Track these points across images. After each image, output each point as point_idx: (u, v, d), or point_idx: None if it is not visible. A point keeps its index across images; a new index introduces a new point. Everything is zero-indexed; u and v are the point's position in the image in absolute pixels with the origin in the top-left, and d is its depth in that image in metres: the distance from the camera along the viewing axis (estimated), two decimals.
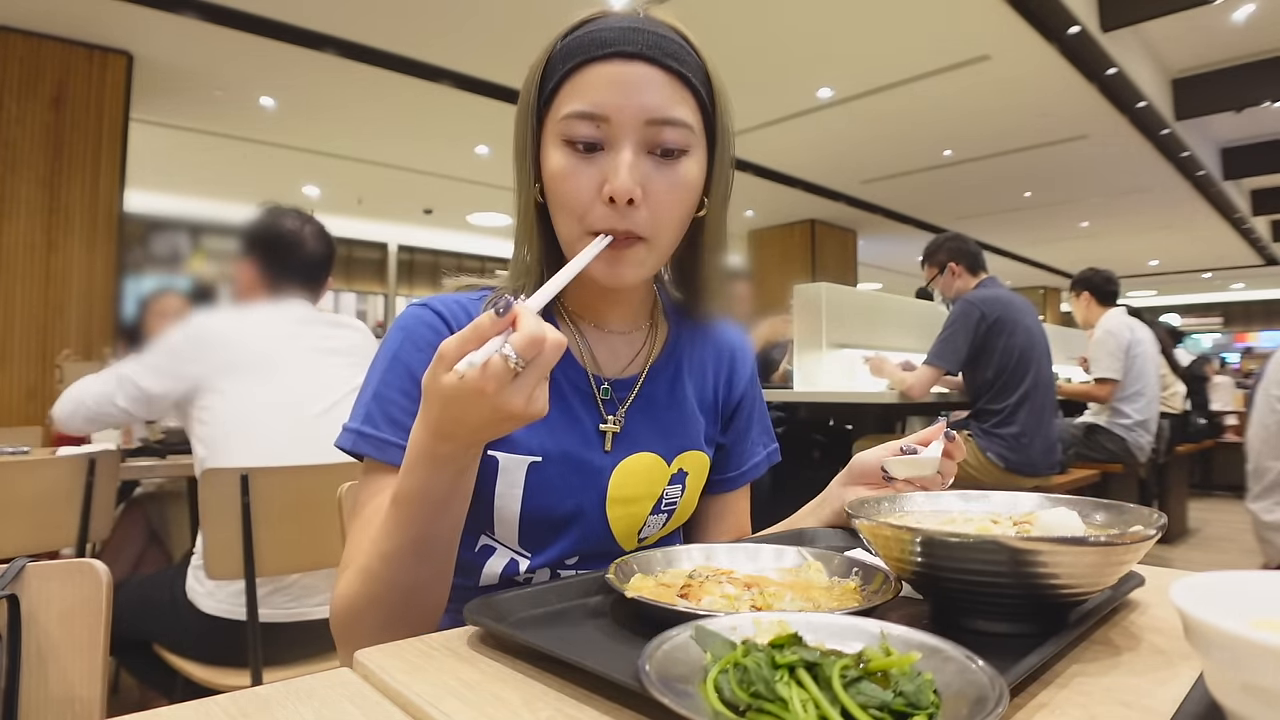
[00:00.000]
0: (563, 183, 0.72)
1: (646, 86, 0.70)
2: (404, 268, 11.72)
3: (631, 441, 0.83)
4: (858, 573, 0.62)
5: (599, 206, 0.71)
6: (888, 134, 7.08)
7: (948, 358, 2.99)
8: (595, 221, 0.71)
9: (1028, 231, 11.37)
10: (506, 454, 0.77)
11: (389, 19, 4.94)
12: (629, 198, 0.69)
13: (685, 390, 0.89)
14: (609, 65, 0.70)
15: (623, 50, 0.70)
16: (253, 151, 7.32)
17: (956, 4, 4.86)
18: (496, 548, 0.80)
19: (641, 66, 0.71)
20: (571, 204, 0.72)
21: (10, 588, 0.66)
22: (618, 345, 0.86)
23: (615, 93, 0.70)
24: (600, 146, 0.71)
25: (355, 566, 0.68)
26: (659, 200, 0.72)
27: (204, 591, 1.54)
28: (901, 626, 0.43)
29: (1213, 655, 0.36)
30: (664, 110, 0.71)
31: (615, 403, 0.84)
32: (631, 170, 0.69)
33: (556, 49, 0.74)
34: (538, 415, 0.56)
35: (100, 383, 1.66)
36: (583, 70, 0.71)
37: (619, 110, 0.70)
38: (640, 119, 0.70)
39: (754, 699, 0.36)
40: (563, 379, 0.81)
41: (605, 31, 0.72)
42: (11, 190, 4.67)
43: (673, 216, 0.74)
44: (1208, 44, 6.07)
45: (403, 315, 0.81)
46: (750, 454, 0.96)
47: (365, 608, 0.67)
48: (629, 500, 0.82)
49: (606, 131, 0.71)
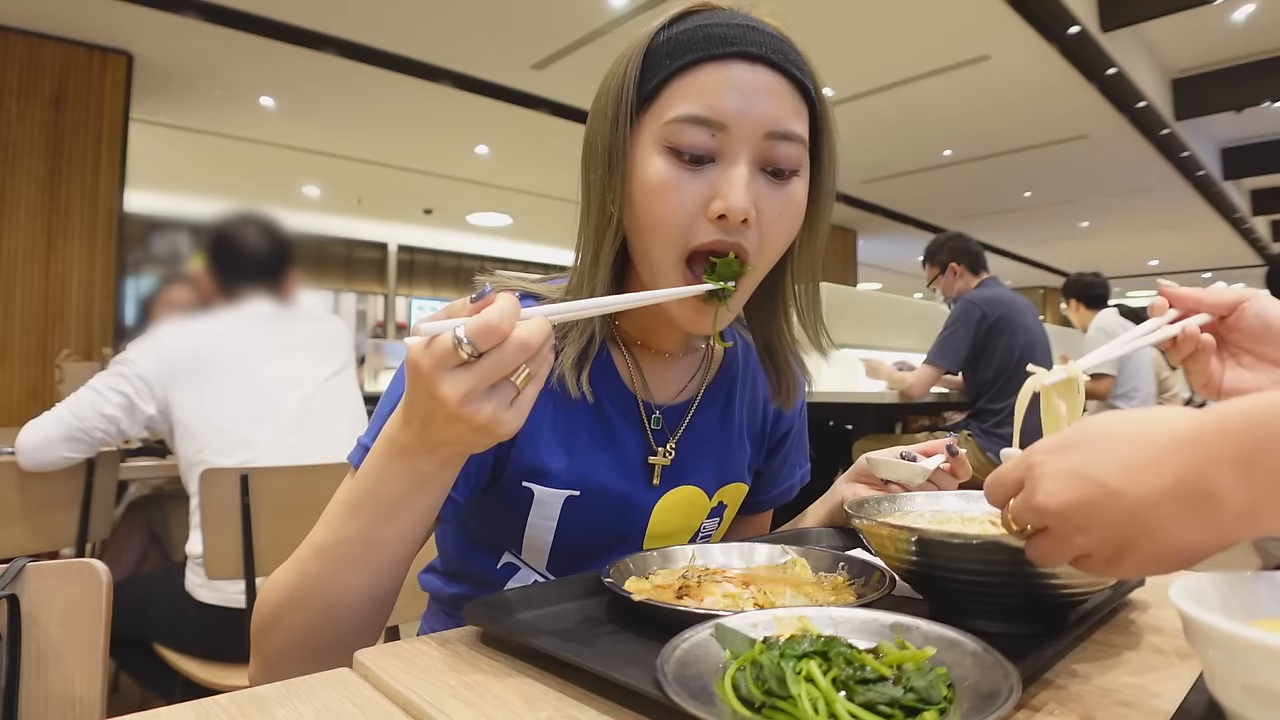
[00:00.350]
0: (661, 196, 0.63)
1: (770, 94, 0.62)
2: (404, 268, 11.72)
3: (677, 474, 0.78)
4: (844, 567, 0.62)
5: (702, 222, 0.63)
6: (888, 134, 7.08)
7: (948, 357, 2.99)
8: (696, 237, 0.63)
9: (1028, 231, 11.37)
10: (542, 487, 0.72)
11: (389, 19, 4.94)
12: (743, 217, 0.61)
13: (735, 418, 0.83)
14: (730, 66, 0.62)
15: (747, 51, 0.62)
16: (253, 151, 7.32)
17: (956, 4, 4.86)
18: (521, 568, 0.77)
19: (765, 72, 0.62)
20: (671, 221, 0.63)
21: (10, 588, 0.66)
22: (671, 369, 0.80)
23: (737, 98, 0.61)
24: (709, 158, 0.63)
25: (291, 558, 0.63)
26: (770, 223, 0.64)
27: (200, 583, 1.55)
28: (922, 620, 0.44)
29: (1212, 655, 0.36)
30: (784, 123, 0.63)
31: (665, 433, 0.78)
32: (749, 187, 0.62)
33: (659, 40, 0.65)
34: (502, 429, 0.49)
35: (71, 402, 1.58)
36: (698, 69, 0.62)
37: (739, 118, 0.62)
38: (760, 130, 0.62)
39: (768, 696, 0.36)
40: (610, 406, 0.75)
41: (722, 27, 0.63)
42: (11, 190, 4.68)
43: (779, 242, 0.66)
44: (1207, 44, 6.07)
45: None
46: (786, 477, 0.93)
47: (286, 604, 0.61)
48: (667, 535, 0.78)
49: (721, 141, 0.62)
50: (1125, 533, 0.40)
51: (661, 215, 0.63)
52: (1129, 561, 0.41)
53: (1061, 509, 0.41)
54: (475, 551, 0.78)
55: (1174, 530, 0.39)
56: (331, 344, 1.73)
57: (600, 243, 0.68)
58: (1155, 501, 0.38)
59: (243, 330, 1.64)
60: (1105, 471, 0.40)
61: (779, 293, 0.76)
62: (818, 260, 0.74)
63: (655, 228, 0.64)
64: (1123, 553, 0.41)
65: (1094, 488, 0.40)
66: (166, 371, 1.56)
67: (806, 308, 0.76)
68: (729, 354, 0.84)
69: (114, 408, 1.56)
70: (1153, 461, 0.39)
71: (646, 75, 0.65)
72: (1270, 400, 0.37)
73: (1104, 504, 0.40)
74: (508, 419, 0.49)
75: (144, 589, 1.63)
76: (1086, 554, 0.42)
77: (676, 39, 0.64)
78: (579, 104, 6.26)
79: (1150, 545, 0.40)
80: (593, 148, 0.68)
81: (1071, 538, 0.42)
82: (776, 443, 0.91)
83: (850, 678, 0.37)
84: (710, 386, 0.82)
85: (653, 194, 0.63)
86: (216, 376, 1.58)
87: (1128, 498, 0.39)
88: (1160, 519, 0.39)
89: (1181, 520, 0.38)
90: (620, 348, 0.77)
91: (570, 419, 0.73)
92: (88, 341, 4.83)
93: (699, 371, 0.82)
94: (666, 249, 0.64)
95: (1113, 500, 0.40)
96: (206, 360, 1.58)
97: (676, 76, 0.63)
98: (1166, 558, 0.40)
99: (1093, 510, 0.40)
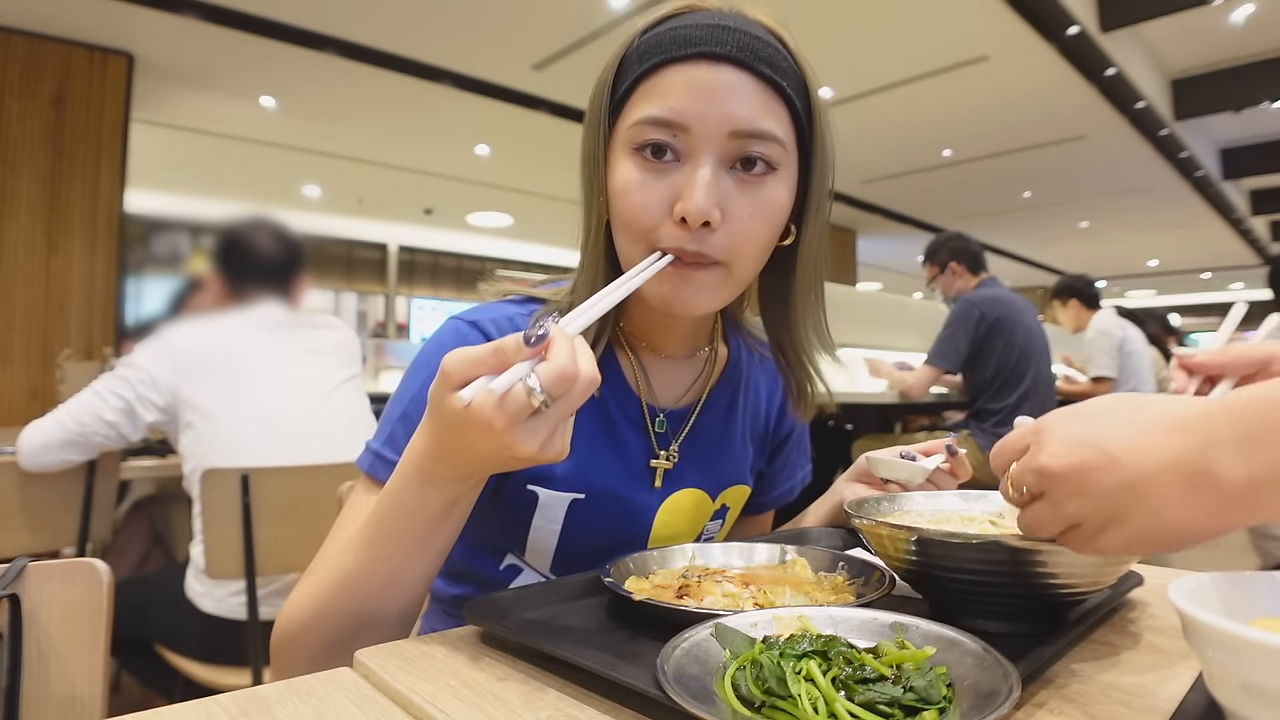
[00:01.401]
0: (627, 197, 0.64)
1: (733, 94, 0.62)
2: (404, 268, 11.72)
3: (679, 477, 0.78)
4: (844, 566, 0.62)
5: (668, 225, 0.63)
6: (888, 134, 7.08)
7: (948, 357, 2.99)
8: (661, 240, 0.63)
9: (1028, 231, 11.37)
10: (547, 490, 0.72)
11: (389, 19, 4.94)
12: (704, 220, 0.61)
13: (738, 421, 0.83)
14: (691, 67, 0.62)
15: (709, 51, 0.62)
16: (253, 151, 7.32)
17: (956, 4, 4.86)
18: (524, 569, 0.77)
19: (729, 71, 0.62)
20: (637, 221, 0.63)
21: (11, 587, 0.66)
22: (675, 372, 0.80)
23: (697, 99, 0.62)
24: (675, 158, 0.63)
25: (316, 577, 0.62)
26: (739, 223, 0.63)
27: (203, 590, 1.55)
28: (922, 620, 0.44)
29: (1211, 654, 0.36)
30: (751, 122, 0.62)
31: (669, 436, 0.78)
32: (709, 189, 0.61)
33: (634, 46, 0.66)
34: (555, 458, 0.50)
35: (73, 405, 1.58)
36: (661, 71, 0.63)
37: (700, 119, 0.62)
38: (724, 130, 0.62)
39: (768, 696, 0.36)
40: (615, 408, 0.75)
41: (690, 29, 0.63)
42: (12, 190, 4.68)
43: (754, 242, 0.65)
44: (1207, 44, 6.07)
45: (441, 329, 0.73)
46: (787, 478, 0.94)
47: (313, 624, 0.60)
48: (671, 539, 0.78)
49: (684, 142, 0.62)
50: (1120, 503, 0.40)
51: (629, 214, 0.64)
52: (1117, 534, 0.41)
53: (1063, 470, 0.42)
54: (479, 553, 0.78)
55: (1169, 507, 0.39)
56: (343, 352, 1.72)
57: (594, 247, 0.70)
58: (1154, 475, 0.39)
59: (254, 334, 1.64)
60: (1111, 442, 0.41)
61: (791, 297, 0.75)
62: (819, 261, 0.74)
63: (625, 226, 0.65)
64: (1113, 524, 0.41)
65: (1098, 454, 0.41)
66: (175, 373, 1.56)
67: (811, 309, 0.76)
68: (732, 357, 0.84)
69: (115, 413, 1.55)
70: (1157, 438, 0.40)
71: (619, 79, 0.66)
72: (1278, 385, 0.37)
73: (1104, 471, 0.41)
74: (564, 446, 0.50)
75: (146, 593, 1.63)
76: (1077, 523, 0.43)
77: (646, 44, 0.65)
78: (579, 104, 6.20)
79: (1142, 519, 0.40)
80: (584, 153, 0.70)
81: (1066, 503, 0.43)
82: (778, 445, 0.91)
83: (850, 677, 0.37)
84: (714, 390, 0.82)
85: (621, 195, 0.65)
86: (226, 379, 1.57)
87: (1128, 468, 0.40)
88: (1157, 494, 0.39)
89: (1178, 497, 0.39)
90: (625, 350, 0.77)
91: (576, 421, 0.73)
92: (88, 341, 4.83)
93: (702, 375, 0.82)
94: (635, 248, 0.65)
95: (1114, 468, 0.41)
96: (216, 363, 1.58)
97: (643, 80, 0.64)
98: (1156, 535, 0.41)
99: (1092, 475, 0.41)
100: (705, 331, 0.82)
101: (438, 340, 0.72)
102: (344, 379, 1.69)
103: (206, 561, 1.51)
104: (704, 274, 0.64)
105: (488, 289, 0.79)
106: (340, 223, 10.32)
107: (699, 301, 0.66)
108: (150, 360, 1.57)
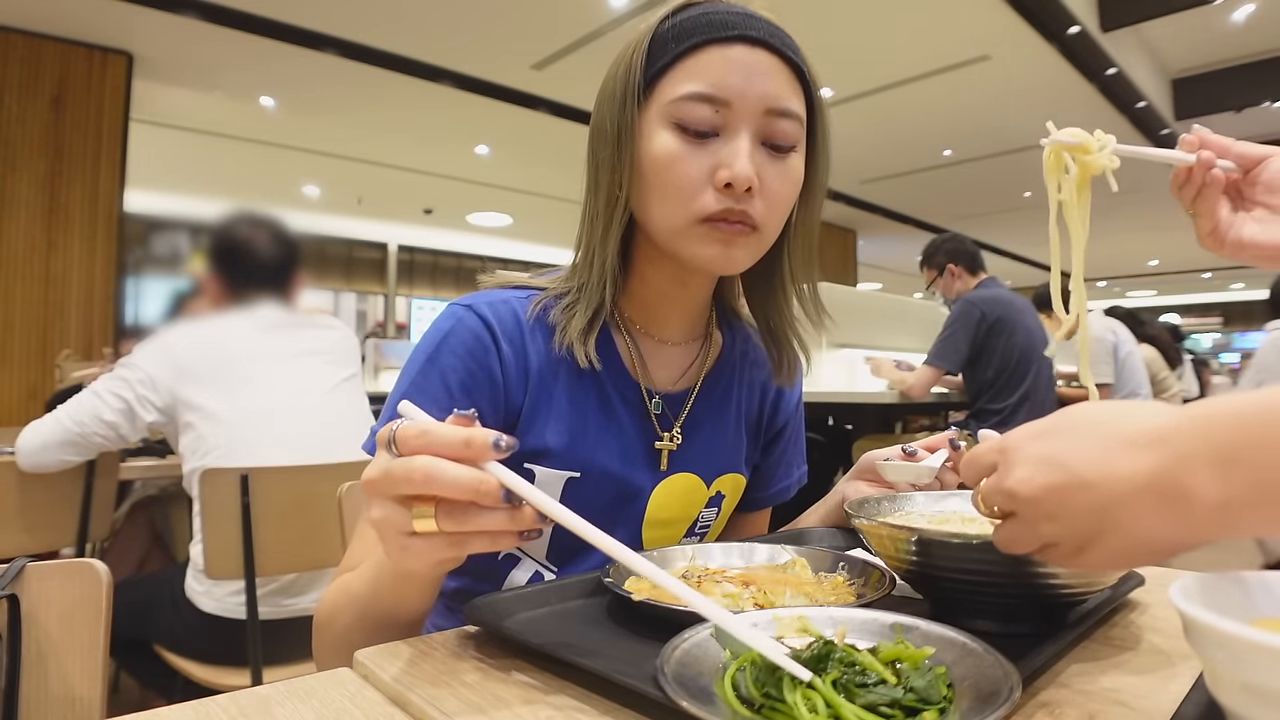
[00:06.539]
0: (670, 167, 0.68)
1: (769, 74, 0.68)
2: (404, 268, 11.72)
3: (675, 461, 0.80)
4: (844, 567, 0.62)
5: (710, 192, 0.67)
6: (888, 134, 7.08)
7: (948, 357, 2.99)
8: (707, 206, 0.67)
9: (1028, 231, 11.36)
10: (543, 469, 0.73)
11: (389, 19, 4.94)
12: (748, 185, 0.66)
13: (733, 408, 0.85)
14: (733, 48, 0.67)
15: (747, 34, 0.67)
16: (253, 151, 7.32)
17: (956, 4, 4.86)
18: (521, 559, 0.77)
19: (764, 53, 0.68)
20: (681, 189, 0.68)
21: (10, 588, 0.66)
22: (671, 356, 0.82)
23: (739, 76, 0.67)
24: (714, 133, 0.68)
25: (342, 580, 0.65)
26: (772, 192, 0.69)
27: (202, 590, 1.54)
28: (922, 620, 0.44)
29: (1212, 655, 0.36)
30: (782, 101, 0.68)
31: (668, 418, 0.80)
32: (752, 158, 0.67)
33: (665, 27, 0.70)
34: (379, 526, 0.48)
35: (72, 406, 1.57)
36: (702, 51, 0.68)
37: (740, 95, 0.67)
38: (760, 107, 0.67)
39: (768, 697, 0.36)
40: (613, 390, 0.77)
41: (723, 14, 0.69)
42: (11, 190, 4.67)
43: (782, 210, 0.71)
44: (1207, 44, 6.07)
45: (442, 316, 0.76)
46: (784, 476, 0.94)
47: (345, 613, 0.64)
48: (666, 523, 0.80)
49: (725, 117, 0.67)
50: (1094, 524, 0.39)
51: (672, 183, 0.68)
52: (1095, 554, 0.40)
53: (1032, 495, 0.41)
54: None
55: (1143, 525, 0.38)
56: (343, 351, 1.72)
57: (610, 218, 0.72)
58: (1126, 495, 0.38)
59: (253, 334, 1.63)
60: (1078, 461, 0.40)
61: (778, 271, 0.80)
62: (814, 238, 0.79)
63: (665, 196, 0.69)
64: (1090, 545, 0.40)
65: (1066, 476, 0.40)
66: (174, 374, 1.55)
67: (805, 285, 0.80)
68: (727, 343, 0.86)
69: (114, 414, 1.55)
70: (1127, 454, 0.38)
71: (653, 58, 0.70)
72: (1256, 400, 0.36)
73: (1074, 494, 0.40)
74: (398, 539, 0.46)
75: (145, 593, 1.62)
76: (1053, 543, 0.42)
77: (681, 25, 0.69)
78: (579, 104, 6.26)
79: (1118, 539, 0.39)
80: (601, 129, 0.72)
81: (1039, 525, 0.42)
82: (774, 436, 0.92)
83: (850, 678, 0.37)
84: (710, 375, 0.84)
85: (662, 166, 0.68)
86: (225, 379, 1.56)
87: (1098, 489, 0.39)
88: (1130, 513, 0.38)
89: (1151, 515, 0.38)
90: (622, 332, 0.79)
91: (575, 395, 0.75)
92: (88, 341, 4.83)
93: (698, 360, 0.84)
94: (676, 215, 0.69)
95: (1083, 491, 0.39)
96: (215, 363, 1.57)
97: (682, 59, 0.68)
98: (1134, 552, 0.40)
99: (1062, 499, 0.40)
100: (702, 318, 0.84)
101: (438, 328, 0.74)
102: (343, 379, 1.69)
103: (206, 561, 1.51)
104: (743, 238, 0.69)
105: (486, 280, 0.81)
106: (340, 222, 10.32)
107: (740, 259, 0.71)
108: (149, 361, 1.56)
